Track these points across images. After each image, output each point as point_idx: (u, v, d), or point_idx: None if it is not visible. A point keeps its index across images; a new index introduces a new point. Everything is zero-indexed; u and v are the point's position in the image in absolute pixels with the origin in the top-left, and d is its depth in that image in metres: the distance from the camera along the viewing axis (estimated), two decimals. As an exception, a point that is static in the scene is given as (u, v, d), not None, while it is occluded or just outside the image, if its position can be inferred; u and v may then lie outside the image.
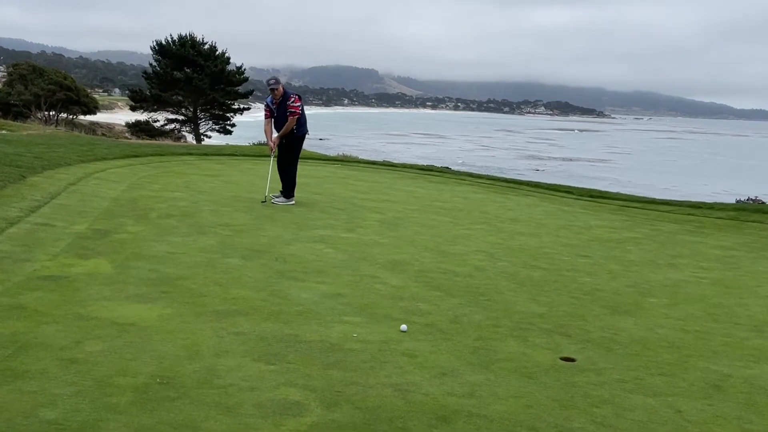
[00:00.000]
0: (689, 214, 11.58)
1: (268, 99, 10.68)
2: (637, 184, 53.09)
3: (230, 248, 7.20)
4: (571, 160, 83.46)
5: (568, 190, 14.31)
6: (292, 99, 10.58)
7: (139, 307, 5.03)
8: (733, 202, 26.00)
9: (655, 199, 13.74)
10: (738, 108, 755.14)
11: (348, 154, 31.29)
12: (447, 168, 24.47)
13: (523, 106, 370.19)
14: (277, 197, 10.57)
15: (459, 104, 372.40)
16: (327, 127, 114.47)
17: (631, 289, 6.66)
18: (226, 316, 5.00)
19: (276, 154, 10.90)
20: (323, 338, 4.68)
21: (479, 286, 6.36)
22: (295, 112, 10.49)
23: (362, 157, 27.13)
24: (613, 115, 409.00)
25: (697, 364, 4.62)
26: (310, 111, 11.99)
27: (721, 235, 9.97)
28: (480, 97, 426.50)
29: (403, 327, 4.99)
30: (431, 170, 17.77)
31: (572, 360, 4.59)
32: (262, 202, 10.35)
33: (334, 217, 9.62)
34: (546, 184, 15.27)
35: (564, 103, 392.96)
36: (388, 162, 20.59)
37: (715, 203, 12.79)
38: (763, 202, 30.65)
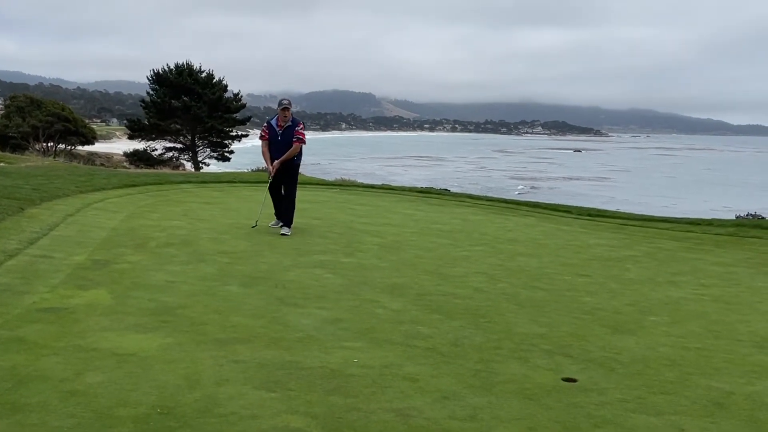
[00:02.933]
0: (688, 231, 11.60)
1: (273, 120, 10.21)
2: (635, 201, 53.19)
3: (229, 276, 7.20)
4: (570, 179, 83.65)
5: (567, 210, 14.33)
6: (301, 126, 10.26)
7: (138, 337, 5.02)
8: (733, 218, 26.04)
9: (653, 216, 13.76)
10: (735, 124, 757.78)
11: (346, 178, 31.44)
12: (446, 190, 24.55)
13: (520, 127, 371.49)
14: (277, 225, 10.40)
15: (456, 126, 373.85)
16: (324, 152, 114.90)
17: (631, 307, 6.65)
18: (226, 345, 4.99)
19: (271, 179, 10.44)
20: (324, 364, 4.67)
21: (479, 308, 6.36)
22: (302, 139, 10.14)
23: (360, 181, 27.26)
24: (610, 134, 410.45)
25: (699, 382, 4.61)
26: (308, 136, 11.74)
27: (720, 251, 9.98)
28: (477, 119, 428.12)
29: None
30: (430, 192, 17.81)
31: (574, 380, 4.58)
32: (253, 227, 10.21)
33: (334, 241, 9.63)
34: (545, 203, 15.30)
35: (561, 123, 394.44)
36: (387, 185, 20.64)
37: (714, 219, 12.81)
38: (763, 218, 30.64)
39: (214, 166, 46.24)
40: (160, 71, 45.45)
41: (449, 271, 7.99)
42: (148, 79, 46.07)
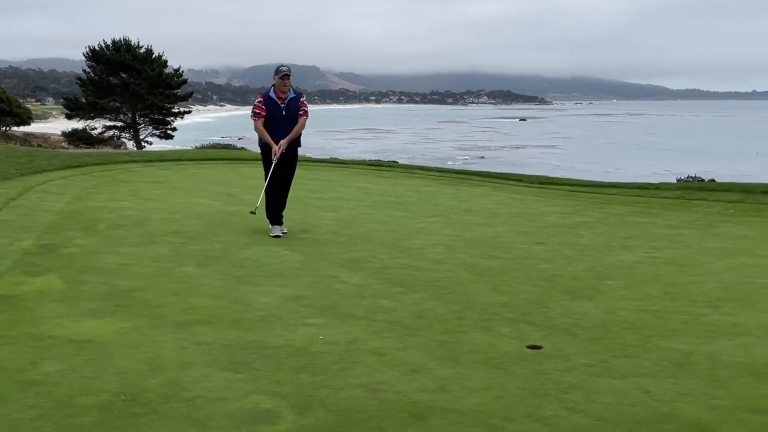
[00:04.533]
0: (637, 196, 11.80)
1: (270, 92, 8.31)
2: (580, 168, 54.01)
3: (184, 256, 7.06)
4: (516, 147, 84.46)
5: (519, 179, 14.46)
6: (304, 97, 8.54)
7: (95, 323, 4.89)
8: (675, 181, 26.60)
9: (602, 182, 13.97)
10: (674, 89, 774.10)
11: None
12: (395, 162, 24.51)
13: (466, 97, 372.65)
14: (280, 228, 8.37)
15: (403, 97, 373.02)
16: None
17: (588, 273, 6.74)
18: (186, 327, 4.89)
19: (276, 160, 8.35)
20: (288, 342, 4.62)
21: (440, 280, 6.36)
22: (307, 111, 8.44)
23: (309, 155, 27.01)
24: (554, 102, 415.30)
25: (659, 344, 4.70)
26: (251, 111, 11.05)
27: (669, 214, 10.18)
28: (423, 90, 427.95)
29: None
30: (380, 165, 17.76)
31: (539, 348, 4.62)
32: (252, 213, 8.54)
33: (288, 218, 9.50)
34: (496, 173, 15.41)
35: (506, 92, 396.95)
36: (336, 159, 20.52)
37: (662, 183, 13.07)
38: (703, 180, 31.51)
39: (156, 144, 45.27)
40: (97, 48, 44.11)
41: (407, 244, 7.97)
42: (84, 56, 44.69)
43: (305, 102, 8.47)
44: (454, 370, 4.19)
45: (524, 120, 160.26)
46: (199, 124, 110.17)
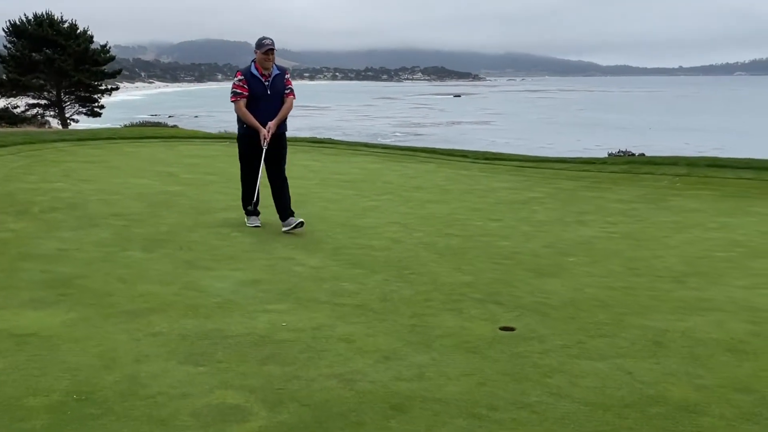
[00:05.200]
0: (584, 170, 11.83)
1: (251, 69, 7.19)
2: (515, 144, 54.56)
3: (128, 240, 6.67)
4: (452, 123, 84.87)
5: (464, 154, 14.35)
6: (288, 74, 7.54)
7: (37, 314, 4.51)
8: (605, 155, 26.98)
9: (548, 157, 14.00)
10: (604, 65, 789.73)
11: (229, 131, 30.35)
12: (329, 139, 24.06)
13: (401, 73, 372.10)
14: (257, 218, 7.65)
15: (337, 74, 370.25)
16: (202, 104, 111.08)
17: (548, 249, 6.65)
18: (138, 316, 4.56)
19: (266, 146, 7.30)
20: (250, 330, 4.35)
21: (401, 260, 6.17)
22: (293, 90, 7.45)
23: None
24: (488, 78, 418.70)
25: (633, 322, 4.61)
26: (181, 88, 10.37)
27: (618, 188, 10.23)
28: (358, 66, 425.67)
29: None
30: (323, 142, 17.42)
31: (512, 329, 4.47)
32: (247, 219, 7.64)
33: (235, 197, 9.12)
34: (441, 149, 15.28)
35: (440, 68, 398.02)
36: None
37: (608, 158, 13.19)
38: (633, 154, 32.21)
39: (83, 123, 43.63)
40: (17, 22, 42.06)
41: (361, 223, 7.75)
42: (3, 30, 42.57)
43: (290, 79, 7.53)
44: (429, 356, 4.00)
45: (458, 96, 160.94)
46: (127, 101, 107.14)
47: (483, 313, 4.77)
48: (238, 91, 7.17)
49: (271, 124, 7.21)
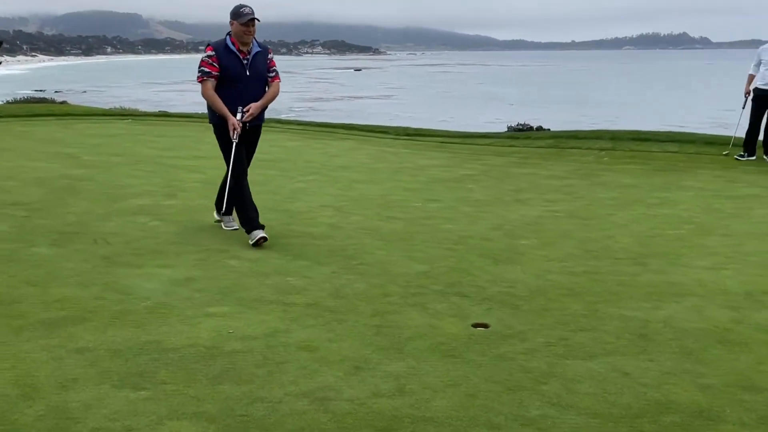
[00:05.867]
0: (510, 146, 11.61)
1: (226, 43, 5.82)
2: (418, 117, 54.41)
3: (32, 233, 5.89)
4: (354, 98, 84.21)
5: (384, 131, 13.87)
6: (271, 53, 6.13)
7: (-69, 332, 3.78)
8: (505, 129, 27.14)
9: (472, 133, 13.72)
10: (501, 39, 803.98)
11: (125, 106, 28.75)
12: None
13: (300, 47, 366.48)
14: (225, 218, 6.33)
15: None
16: (90, 79, 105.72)
17: (497, 232, 6.31)
18: (56, 327, 3.91)
19: (236, 140, 5.89)
20: (193, 341, 3.77)
21: (345, 248, 5.68)
22: (278, 72, 6.11)
23: (141, 109, 25.00)
24: (388, 52, 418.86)
25: (609, 312, 4.30)
26: (68, 62, 9.21)
27: (548, 164, 10.03)
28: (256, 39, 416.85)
29: None
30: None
31: (486, 326, 4.08)
32: (217, 220, 6.39)
33: (147, 181, 8.40)
34: (361, 125, 14.74)
35: (341, 42, 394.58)
36: (185, 113, 19.01)
37: (532, 133, 13.02)
38: (532, 127, 32.71)
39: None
40: None
41: (292, 207, 7.19)
42: None
43: (274, 60, 6.10)
44: (404, 363, 3.55)
45: (359, 70, 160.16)
46: (8, 76, 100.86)
47: (449, 308, 4.35)
48: (206, 69, 5.74)
49: (254, 106, 5.79)
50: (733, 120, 10.93)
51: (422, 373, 3.43)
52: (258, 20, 5.69)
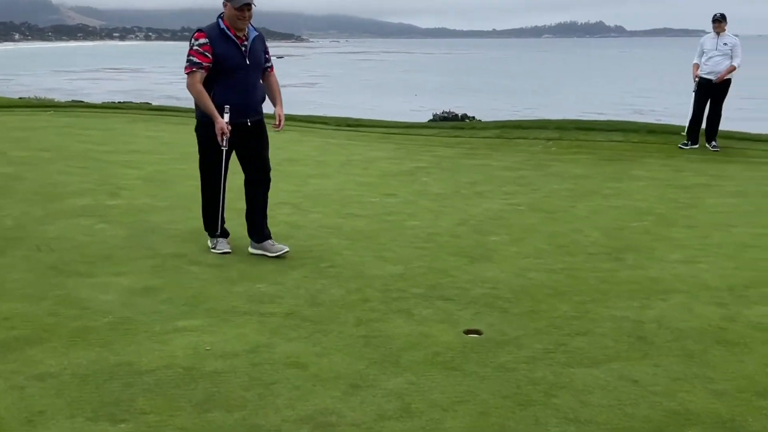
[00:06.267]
0: (456, 136, 11.47)
1: (220, 27, 5.01)
2: (344, 105, 54.01)
3: (-36, 240, 5.38)
4: (281, 86, 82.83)
5: (324, 121, 13.53)
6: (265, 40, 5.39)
7: None
8: (431, 117, 27.17)
9: (416, 123, 13.52)
10: (423, 27, 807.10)
11: (39, 96, 27.36)
12: (147, 103, 22.26)
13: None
14: (226, 241, 5.39)
15: (151, 34, 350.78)
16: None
17: (463, 227, 6.13)
18: (11, 350, 3.53)
19: (226, 146, 5.10)
20: (169, 362, 3.44)
21: (311, 249, 5.39)
22: (272, 63, 5.41)
23: (56, 99, 23.80)
24: (311, 39, 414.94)
25: (600, 312, 4.17)
26: None
27: (497, 155, 9.93)
28: (173, 26, 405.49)
29: None
30: (164, 109, 15.91)
31: (479, 333, 3.89)
32: (213, 243, 5.39)
33: (83, 178, 7.87)
34: (300, 116, 14.30)
35: (262, 29, 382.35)
36: (110, 103, 18.20)
37: (477, 122, 12.92)
38: (457, 115, 32.92)
39: None
40: None
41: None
42: None
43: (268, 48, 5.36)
44: (404, 378, 3.32)
45: (281, 58, 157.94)
46: None
47: (436, 313, 4.14)
48: (196, 59, 4.92)
49: (279, 112, 5.22)
50: (648, 107, 11.09)
51: (425, 389, 3.21)
52: (254, 5, 4.95)
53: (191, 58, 4.97)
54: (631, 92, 58.52)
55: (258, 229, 5.34)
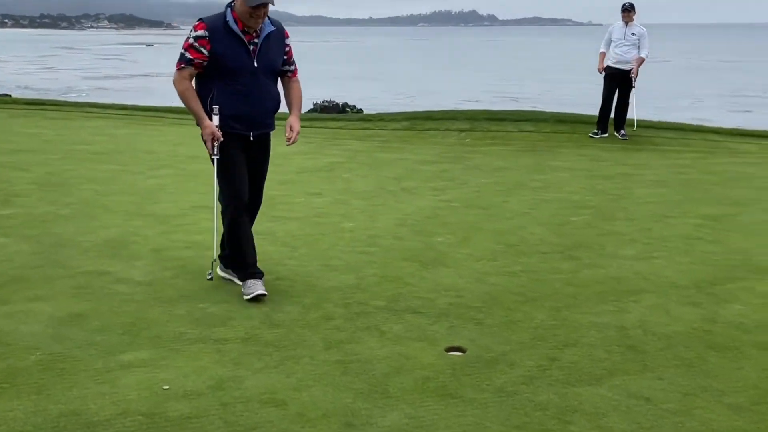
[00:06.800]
0: (365, 129, 11.13)
1: (229, 19, 4.17)
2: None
3: None
4: (148, 75, 79.58)
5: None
6: (288, 36, 4.46)
7: None
8: (311, 106, 26.67)
9: (321, 115, 13.06)
10: (299, 15, 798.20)
11: None
12: (7, 95, 20.48)
13: (83, 21, 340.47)
14: (246, 287, 4.27)
15: (6, 21, 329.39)
16: None
17: (404, 228, 5.81)
18: None
19: (217, 155, 4.38)
20: (123, 408, 2.94)
21: (249, 260, 4.90)
22: (295, 65, 4.57)
23: None
24: (182, 27, 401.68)
25: (577, 320, 3.97)
26: None
27: (413, 147, 9.68)
28: (32, 12, 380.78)
29: None
30: (44, 104, 14.65)
31: (462, 350, 3.59)
32: (210, 276, 4.56)
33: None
34: (178, 107, 13.47)
35: (129, 16, 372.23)
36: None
37: (385, 114, 12.59)
38: (338, 104, 32.62)
39: None
40: None
41: (160, 211, 6.23)
42: None
43: (290, 44, 4.47)
44: (399, 411, 2.97)
45: (151, 46, 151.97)
46: None
47: (408, 330, 3.81)
48: (188, 55, 4.15)
49: (292, 122, 4.36)
50: (522, 95, 11.23)
51: (427, 423, 2.88)
52: (272, 3, 4.05)
53: (183, 52, 4.17)
54: (506, 80, 60.06)
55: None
